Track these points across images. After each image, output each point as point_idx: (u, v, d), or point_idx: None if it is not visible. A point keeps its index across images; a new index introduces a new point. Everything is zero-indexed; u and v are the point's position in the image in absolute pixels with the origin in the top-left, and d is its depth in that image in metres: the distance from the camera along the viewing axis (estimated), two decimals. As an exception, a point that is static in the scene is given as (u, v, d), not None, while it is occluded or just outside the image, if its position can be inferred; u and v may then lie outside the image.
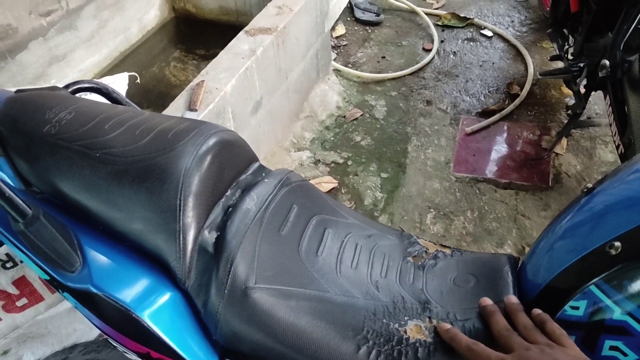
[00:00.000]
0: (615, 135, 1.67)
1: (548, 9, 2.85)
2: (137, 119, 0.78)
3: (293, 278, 0.71)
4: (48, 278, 0.70)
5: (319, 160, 2.29)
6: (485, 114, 2.48)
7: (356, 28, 3.11)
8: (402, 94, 2.63)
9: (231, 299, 0.67)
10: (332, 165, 2.28)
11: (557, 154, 2.25)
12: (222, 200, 0.76)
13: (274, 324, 0.66)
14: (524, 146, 2.31)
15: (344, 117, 2.50)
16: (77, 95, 0.93)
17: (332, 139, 2.40)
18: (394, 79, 2.71)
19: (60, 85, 0.93)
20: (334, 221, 0.84)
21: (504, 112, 2.44)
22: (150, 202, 0.69)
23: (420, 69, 2.77)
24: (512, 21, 3.10)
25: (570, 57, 2.13)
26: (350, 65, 2.80)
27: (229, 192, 0.78)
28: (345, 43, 2.98)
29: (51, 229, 0.67)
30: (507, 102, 2.53)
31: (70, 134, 0.73)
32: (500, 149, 2.31)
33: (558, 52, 2.25)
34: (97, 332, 1.20)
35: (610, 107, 1.72)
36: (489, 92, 2.62)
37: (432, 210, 2.07)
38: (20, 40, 1.95)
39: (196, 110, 1.65)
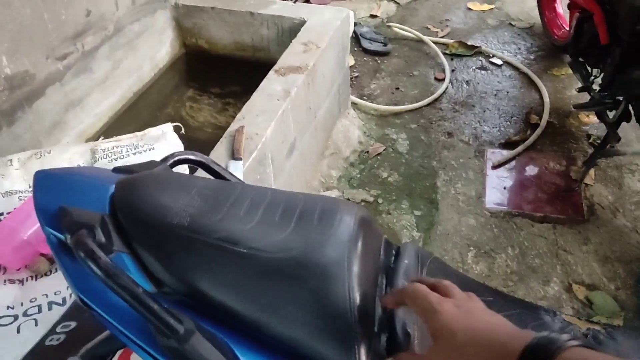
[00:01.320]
0: (666, 170, 1.66)
1: (556, 37, 2.87)
2: (267, 200, 0.71)
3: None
4: (203, 399, 0.61)
5: (349, 199, 2.22)
6: (508, 145, 2.45)
7: (365, 59, 3.08)
8: (422, 126, 2.59)
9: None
10: (362, 203, 2.21)
11: (587, 185, 2.24)
12: (377, 293, 0.69)
13: None
14: (553, 177, 2.29)
15: (367, 152, 2.44)
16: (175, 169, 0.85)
17: (358, 175, 2.33)
18: (411, 110, 2.67)
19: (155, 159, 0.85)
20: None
21: (528, 142, 2.42)
22: (315, 306, 0.61)
23: (436, 100, 2.74)
24: (519, 48, 3.11)
25: (598, 88, 2.13)
26: (365, 98, 2.75)
27: (378, 281, 0.71)
28: (356, 74, 2.94)
29: (209, 344, 0.59)
30: (528, 132, 2.51)
31: (205, 226, 0.65)
32: (529, 181, 2.28)
33: (582, 83, 2.25)
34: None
35: (657, 141, 1.70)
36: (508, 122, 2.60)
37: (472, 248, 2.02)
38: (38, 87, 1.84)
39: (241, 158, 1.57)
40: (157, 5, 2.37)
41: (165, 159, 0.84)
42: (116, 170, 0.78)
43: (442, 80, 2.86)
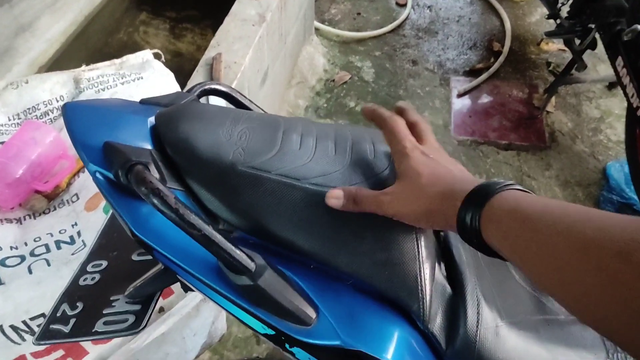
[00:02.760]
0: (632, 96, 1.71)
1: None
2: (315, 132, 0.67)
3: (527, 305, 0.66)
4: (273, 333, 0.60)
5: (317, 129, 2.19)
6: (472, 73, 2.47)
7: (323, -19, 2.96)
8: (386, 54, 2.55)
9: (484, 341, 0.60)
10: (331, 133, 2.18)
11: (548, 112, 2.30)
12: None
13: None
14: (516, 105, 2.34)
15: (333, 81, 2.39)
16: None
17: (325, 105, 2.29)
18: (374, 37, 2.62)
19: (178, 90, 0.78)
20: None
21: (492, 70, 2.44)
22: (385, 239, 0.60)
23: (399, 26, 2.69)
24: (478, -27, 3.08)
25: (566, 15, 2.15)
26: (326, 23, 2.67)
27: None
28: (316, -1, 2.83)
29: (281, 279, 0.57)
30: (491, 59, 2.53)
31: (263, 160, 0.61)
32: (494, 109, 2.32)
33: (549, 11, 2.26)
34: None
35: (625, 69, 1.75)
36: (471, 49, 2.60)
37: (442, 175, 2.06)
38: (-17, 9, 1.66)
39: (221, 88, 1.50)
40: None
41: (192, 89, 0.78)
42: (143, 102, 0.72)
43: (404, 5, 2.81)
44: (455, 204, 0.52)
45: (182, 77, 1.56)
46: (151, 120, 0.63)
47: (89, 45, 2.15)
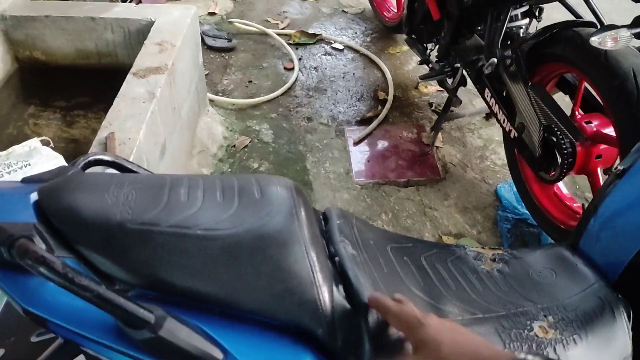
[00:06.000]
0: (504, 122, 1.90)
1: (387, 19, 3.12)
2: (202, 184, 0.72)
3: (423, 312, 0.72)
4: (185, 382, 0.61)
5: (225, 195, 2.22)
6: (364, 121, 2.62)
7: (212, 56, 3.06)
8: (282, 115, 2.66)
9: (388, 352, 0.65)
10: (239, 196, 2.22)
11: (437, 147, 2.48)
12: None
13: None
14: (408, 145, 2.50)
15: (234, 146, 2.45)
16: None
17: (229, 169, 2.34)
18: (268, 101, 2.73)
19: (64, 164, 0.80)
20: (402, 248, 0.86)
21: (380, 117, 2.61)
22: (278, 271, 0.64)
23: (290, 88, 2.82)
24: (355, 33, 3.32)
25: (435, 59, 2.36)
26: (220, 94, 2.75)
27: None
28: (207, 72, 2.91)
29: (183, 326, 0.59)
30: (379, 107, 2.70)
31: (152, 216, 0.64)
32: (388, 151, 2.47)
33: (420, 57, 2.47)
34: None
35: (493, 99, 1.94)
36: (359, 100, 2.77)
37: (350, 220, 2.14)
38: None
39: (119, 166, 1.50)
40: (-21, 17, 2.15)
41: (75, 162, 0.80)
42: (25, 180, 0.73)
43: (292, 69, 2.96)
44: None
45: (79, 161, 1.55)
46: (34, 195, 0.65)
47: (-24, 144, 2.09)
